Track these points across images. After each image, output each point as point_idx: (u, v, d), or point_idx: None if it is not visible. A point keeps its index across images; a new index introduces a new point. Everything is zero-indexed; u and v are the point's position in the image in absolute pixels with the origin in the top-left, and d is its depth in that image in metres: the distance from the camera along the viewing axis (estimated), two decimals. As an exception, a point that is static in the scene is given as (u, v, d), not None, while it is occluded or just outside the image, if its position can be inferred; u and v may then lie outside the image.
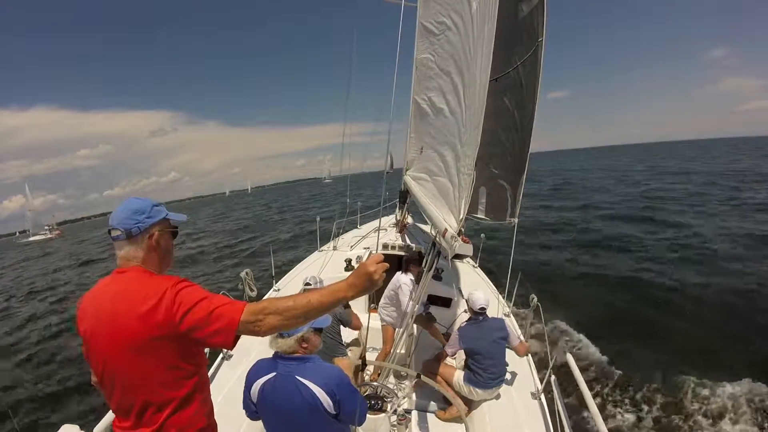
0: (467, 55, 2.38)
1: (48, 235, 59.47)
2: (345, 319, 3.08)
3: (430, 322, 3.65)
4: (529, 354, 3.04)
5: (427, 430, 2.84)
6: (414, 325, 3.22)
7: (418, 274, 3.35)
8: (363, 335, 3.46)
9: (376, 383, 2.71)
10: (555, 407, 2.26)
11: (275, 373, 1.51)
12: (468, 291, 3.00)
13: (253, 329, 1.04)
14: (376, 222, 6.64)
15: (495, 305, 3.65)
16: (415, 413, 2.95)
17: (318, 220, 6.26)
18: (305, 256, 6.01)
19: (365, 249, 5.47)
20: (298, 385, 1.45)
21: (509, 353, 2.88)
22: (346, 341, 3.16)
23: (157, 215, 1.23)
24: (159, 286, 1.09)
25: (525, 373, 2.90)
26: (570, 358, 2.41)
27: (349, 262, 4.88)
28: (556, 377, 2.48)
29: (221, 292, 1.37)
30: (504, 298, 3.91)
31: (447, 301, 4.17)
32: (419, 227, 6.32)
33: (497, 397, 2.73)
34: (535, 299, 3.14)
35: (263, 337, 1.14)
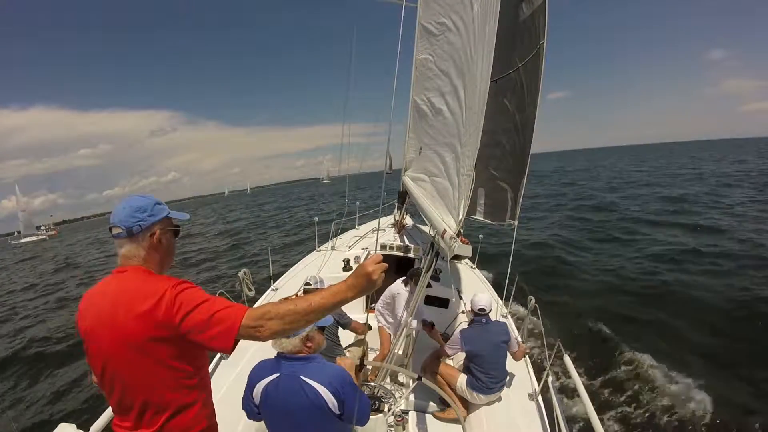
0: (467, 56, 2.37)
1: (42, 236, 56.52)
2: (344, 321, 3.07)
3: (431, 327, 3.66)
4: (527, 355, 3.04)
5: (425, 430, 2.84)
6: (413, 330, 3.22)
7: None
8: (362, 336, 3.46)
9: (373, 383, 2.70)
10: (552, 408, 2.27)
11: (279, 374, 1.49)
12: (466, 292, 2.99)
13: (254, 334, 1.03)
14: (374, 222, 6.64)
15: (493, 306, 3.66)
16: (413, 414, 2.95)
17: (316, 220, 6.25)
18: (303, 256, 6.01)
19: (363, 249, 5.47)
20: (302, 386, 1.44)
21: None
22: (345, 342, 3.15)
23: (159, 213, 1.22)
24: (159, 286, 1.08)
25: (522, 375, 2.91)
26: (567, 359, 2.42)
27: (347, 262, 4.87)
28: (553, 378, 2.49)
29: (219, 292, 1.35)
30: (502, 299, 3.92)
31: (444, 302, 4.18)
32: (418, 228, 6.33)
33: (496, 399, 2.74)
34: (533, 300, 3.14)
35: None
